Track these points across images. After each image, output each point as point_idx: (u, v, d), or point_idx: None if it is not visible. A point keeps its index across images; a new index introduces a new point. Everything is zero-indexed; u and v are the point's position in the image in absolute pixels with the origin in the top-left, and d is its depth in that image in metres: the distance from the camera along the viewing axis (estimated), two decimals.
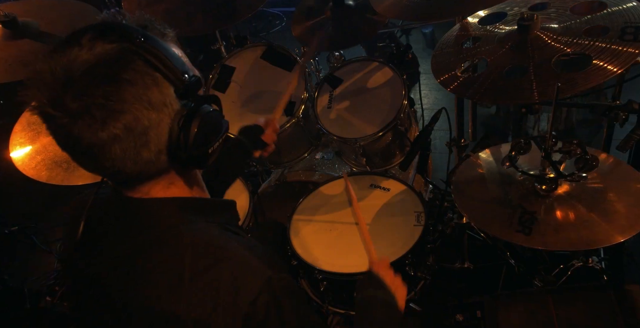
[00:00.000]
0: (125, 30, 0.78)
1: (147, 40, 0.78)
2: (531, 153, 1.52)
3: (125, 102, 0.75)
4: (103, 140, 0.75)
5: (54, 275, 2.71)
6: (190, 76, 0.82)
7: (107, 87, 0.73)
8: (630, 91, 2.90)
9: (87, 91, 0.73)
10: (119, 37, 0.76)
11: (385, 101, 2.04)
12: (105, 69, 0.73)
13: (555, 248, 1.37)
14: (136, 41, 0.77)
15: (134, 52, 0.76)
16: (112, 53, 0.74)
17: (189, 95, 0.83)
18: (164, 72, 0.78)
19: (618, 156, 1.56)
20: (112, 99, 0.74)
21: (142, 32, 0.80)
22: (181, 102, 0.82)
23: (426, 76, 3.56)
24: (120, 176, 0.84)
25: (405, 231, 1.74)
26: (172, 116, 0.81)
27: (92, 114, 0.73)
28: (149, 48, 0.77)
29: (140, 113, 0.76)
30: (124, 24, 0.81)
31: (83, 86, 0.72)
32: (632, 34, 1.33)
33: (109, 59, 0.74)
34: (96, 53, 0.74)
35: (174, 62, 0.80)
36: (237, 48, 2.28)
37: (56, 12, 1.97)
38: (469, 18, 1.75)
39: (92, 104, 0.73)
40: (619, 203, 1.38)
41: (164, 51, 0.79)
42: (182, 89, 0.81)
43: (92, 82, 0.73)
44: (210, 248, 0.85)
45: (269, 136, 1.63)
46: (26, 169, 1.84)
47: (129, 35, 0.77)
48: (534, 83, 1.37)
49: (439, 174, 2.65)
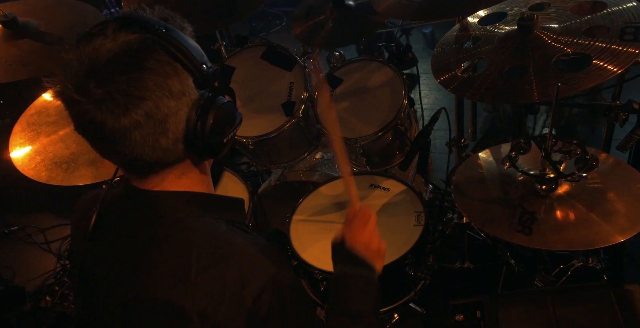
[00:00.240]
0: (147, 22, 0.81)
1: (168, 31, 0.81)
2: (531, 153, 1.52)
3: (147, 90, 0.77)
4: (125, 126, 0.78)
5: (54, 275, 2.71)
6: (208, 67, 0.85)
7: (130, 74, 0.76)
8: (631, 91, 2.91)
9: (111, 77, 0.75)
10: (141, 28, 0.79)
11: (385, 101, 2.04)
12: (128, 57, 0.76)
13: (555, 248, 1.37)
14: (158, 31, 0.80)
15: (155, 42, 0.79)
16: (135, 43, 0.77)
17: (206, 85, 0.85)
18: (184, 62, 0.81)
19: (618, 156, 1.56)
20: (134, 86, 0.76)
21: (164, 24, 0.83)
22: (199, 92, 0.85)
23: (426, 76, 3.56)
24: (136, 164, 0.85)
25: (405, 231, 1.74)
26: (190, 105, 0.83)
27: (116, 100, 0.76)
28: (170, 39, 0.80)
29: (160, 101, 0.79)
30: (146, 16, 0.84)
31: (107, 73, 0.75)
32: (632, 34, 1.33)
33: (132, 48, 0.77)
34: (120, 43, 0.77)
35: (194, 53, 0.83)
36: (237, 48, 2.28)
37: (56, 12, 1.97)
38: (469, 18, 1.75)
39: (115, 90, 0.75)
40: (619, 203, 1.38)
41: (184, 42, 0.82)
42: (200, 79, 0.84)
43: (116, 69, 0.75)
44: (217, 243, 0.86)
45: None
46: (26, 170, 1.84)
47: (151, 27, 0.80)
48: (534, 83, 1.37)
49: (439, 174, 2.65)
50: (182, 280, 0.82)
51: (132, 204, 0.92)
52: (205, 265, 0.83)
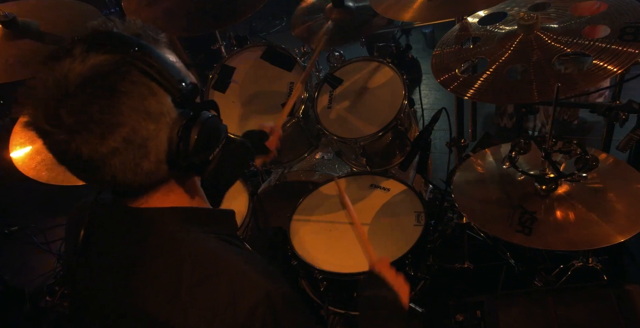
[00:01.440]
0: (118, 40, 0.77)
1: (141, 49, 0.77)
2: (531, 153, 1.52)
3: (122, 115, 0.74)
4: (102, 154, 0.75)
5: (54, 275, 2.71)
6: (187, 84, 0.81)
7: (104, 100, 0.72)
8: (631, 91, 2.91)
9: (83, 105, 0.71)
10: (112, 47, 0.75)
11: (385, 101, 2.04)
12: (100, 81, 0.72)
13: (555, 248, 1.37)
14: (130, 51, 0.75)
15: (128, 63, 0.74)
16: (106, 65, 0.73)
17: (186, 103, 0.82)
18: (160, 82, 0.77)
19: (618, 156, 1.56)
20: (109, 112, 0.73)
21: (136, 41, 0.78)
22: (179, 110, 0.81)
23: (426, 76, 3.56)
24: (120, 188, 0.84)
25: (405, 231, 1.74)
26: (171, 125, 0.80)
27: (90, 129, 0.72)
28: (143, 58, 0.76)
29: (138, 124, 0.75)
30: (117, 33, 0.79)
31: (79, 101, 0.71)
32: (632, 34, 1.33)
33: (103, 71, 0.73)
34: (90, 65, 0.72)
35: (170, 70, 0.79)
36: (237, 48, 2.28)
37: (56, 12, 1.97)
38: (469, 18, 1.75)
39: (88, 118, 0.72)
40: (619, 203, 1.38)
41: (159, 60, 0.78)
42: (179, 97, 0.80)
43: (88, 96, 0.72)
44: (207, 260, 0.84)
45: (273, 143, 1.63)
46: (26, 169, 1.84)
47: (122, 46, 0.76)
48: (534, 83, 1.37)
49: (439, 174, 2.65)
50: (173, 297, 0.81)
51: (121, 220, 0.90)
52: (196, 281, 0.81)
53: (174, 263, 0.83)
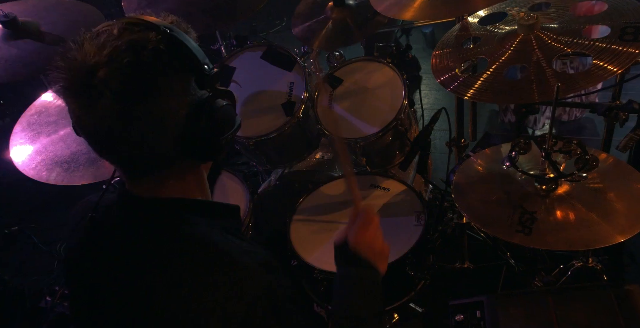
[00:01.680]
0: (152, 22, 0.82)
1: (173, 31, 0.82)
2: (531, 153, 1.52)
3: (148, 87, 0.78)
4: (124, 122, 0.78)
5: (54, 275, 2.71)
6: (210, 68, 0.86)
7: (133, 71, 0.77)
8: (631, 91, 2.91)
9: (113, 73, 0.76)
10: (146, 27, 0.81)
11: (385, 101, 2.04)
12: (131, 54, 0.76)
13: (555, 248, 1.37)
14: (162, 31, 0.81)
15: (159, 41, 0.79)
16: (139, 41, 0.78)
17: (208, 85, 0.86)
18: (186, 62, 0.82)
19: (618, 156, 1.56)
20: (136, 82, 0.77)
21: (168, 25, 0.84)
22: (200, 92, 0.85)
23: (426, 76, 3.56)
24: (133, 164, 0.86)
25: (405, 231, 1.74)
26: (191, 105, 0.83)
27: (117, 96, 0.76)
28: (173, 38, 0.81)
29: (161, 99, 0.79)
30: (152, 18, 0.85)
31: (110, 69, 0.76)
32: (632, 34, 1.33)
33: (135, 46, 0.77)
34: (125, 40, 0.77)
35: (197, 53, 0.83)
36: (237, 48, 2.28)
37: (56, 12, 1.97)
38: (469, 18, 1.75)
39: (117, 86, 0.76)
40: (619, 203, 1.38)
41: (187, 42, 0.83)
42: (202, 79, 0.85)
43: (119, 66, 0.76)
44: (211, 252, 0.85)
45: None
46: (26, 170, 1.83)
47: (156, 27, 0.81)
48: (534, 83, 1.37)
49: (439, 174, 2.65)
50: (176, 288, 0.81)
51: (127, 211, 0.91)
52: (199, 273, 0.82)
53: (177, 256, 0.84)
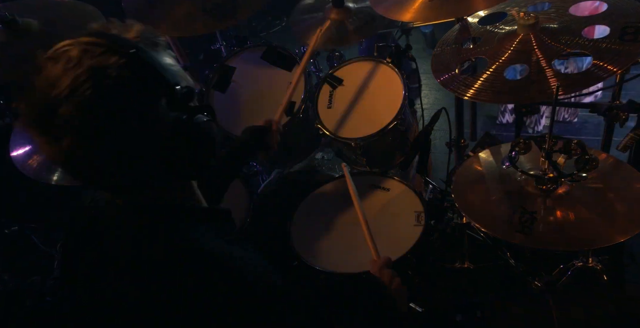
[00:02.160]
0: (115, 42, 0.77)
1: (138, 52, 0.77)
2: (531, 153, 1.52)
3: (113, 119, 0.74)
4: (95, 156, 0.76)
5: (54, 275, 2.71)
6: (182, 87, 0.81)
7: (95, 104, 0.73)
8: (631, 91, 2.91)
9: (75, 109, 0.72)
10: (108, 49, 0.75)
11: (385, 101, 2.04)
12: (93, 85, 0.72)
13: (555, 248, 1.37)
14: (126, 53, 0.76)
15: (122, 67, 0.75)
16: (101, 67, 0.73)
17: (180, 106, 0.82)
18: (154, 85, 0.78)
19: (618, 156, 1.56)
20: (100, 116, 0.73)
21: (132, 43, 0.79)
22: (173, 114, 0.81)
23: (426, 76, 3.56)
24: (113, 190, 0.85)
25: (405, 231, 1.74)
26: (165, 128, 0.80)
27: (81, 134, 0.73)
28: (138, 60, 0.77)
29: (130, 129, 0.76)
30: (114, 36, 0.79)
31: (71, 104, 0.72)
32: (632, 34, 1.33)
33: (97, 74, 0.73)
34: (85, 67, 0.73)
35: (165, 73, 0.79)
36: (237, 48, 2.28)
37: (56, 12, 1.97)
38: (469, 18, 1.75)
39: (80, 124, 0.73)
40: (619, 203, 1.38)
41: (154, 63, 0.78)
42: (173, 100, 0.80)
43: (81, 99, 0.72)
44: (202, 258, 0.85)
45: (273, 137, 1.63)
46: (26, 169, 1.84)
47: (119, 48, 0.76)
48: (534, 83, 1.37)
49: (439, 174, 2.65)
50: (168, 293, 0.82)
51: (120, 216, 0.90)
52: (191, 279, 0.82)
53: (170, 260, 0.84)
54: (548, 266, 1.93)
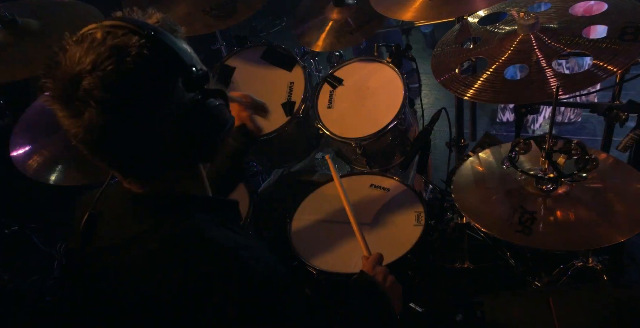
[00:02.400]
0: (136, 24, 0.80)
1: (157, 33, 0.81)
2: (531, 153, 1.52)
3: (134, 95, 0.77)
4: (112, 132, 0.78)
5: (54, 275, 2.71)
6: (197, 69, 0.84)
7: (116, 79, 0.76)
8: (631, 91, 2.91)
9: (97, 83, 0.75)
10: (129, 31, 0.79)
11: (385, 101, 2.04)
12: (114, 61, 0.75)
13: (555, 248, 1.37)
14: (146, 34, 0.79)
15: (142, 46, 0.78)
16: (123, 46, 0.77)
17: (196, 87, 0.85)
18: (172, 65, 0.81)
19: (618, 156, 1.56)
20: (121, 91, 0.76)
21: (153, 26, 0.82)
22: (188, 95, 0.84)
23: (426, 76, 3.56)
24: (127, 168, 0.86)
25: (405, 231, 1.74)
26: (180, 109, 0.83)
27: (102, 106, 0.76)
28: (158, 41, 0.80)
29: (148, 106, 0.79)
30: (136, 20, 0.83)
31: (93, 78, 0.75)
32: (632, 34, 1.33)
33: (119, 52, 0.76)
34: (108, 46, 0.76)
35: (183, 55, 0.82)
36: (237, 48, 2.28)
37: (56, 12, 1.97)
38: (469, 18, 1.75)
39: (102, 97, 0.75)
40: (619, 203, 1.38)
41: (172, 45, 0.81)
42: (189, 81, 0.83)
43: (104, 74, 0.75)
44: (206, 245, 0.86)
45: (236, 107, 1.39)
46: (26, 169, 1.83)
47: (140, 30, 0.79)
48: (534, 83, 1.37)
49: (439, 174, 2.65)
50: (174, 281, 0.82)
51: (127, 206, 0.92)
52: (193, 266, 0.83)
53: (176, 247, 0.85)
54: (548, 266, 1.93)
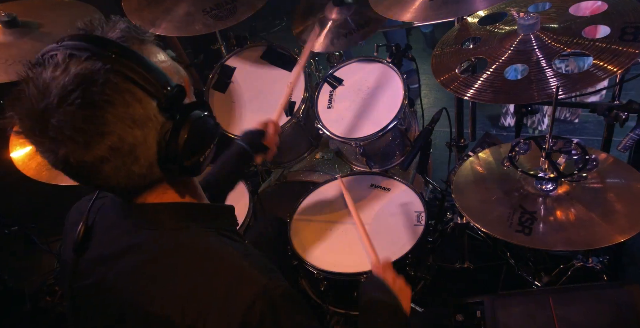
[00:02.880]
0: (99, 45, 0.76)
1: (123, 53, 0.76)
2: (531, 153, 1.52)
3: (106, 124, 0.74)
4: (90, 162, 0.76)
5: (54, 275, 2.71)
6: (171, 87, 0.80)
7: (87, 111, 0.72)
8: (631, 91, 2.91)
9: (66, 116, 0.72)
10: (92, 53, 0.74)
11: (385, 101, 2.04)
12: (82, 92, 0.71)
13: (555, 248, 1.37)
14: (112, 57, 0.75)
15: (109, 70, 0.74)
16: (88, 73, 0.72)
17: (172, 107, 0.81)
18: (143, 87, 0.77)
19: (618, 156, 1.56)
20: (92, 122, 0.73)
21: (118, 45, 0.77)
22: (165, 114, 0.81)
23: (426, 76, 3.56)
24: (115, 190, 0.86)
25: (405, 231, 1.74)
26: (159, 129, 0.80)
27: (75, 139, 0.73)
28: (125, 63, 0.75)
29: (124, 132, 0.76)
30: (99, 38, 0.78)
31: (61, 112, 0.72)
32: (632, 34, 1.33)
33: (84, 81, 0.72)
34: (72, 75, 0.72)
35: (153, 74, 0.78)
36: (237, 48, 2.28)
37: (56, 12, 1.97)
38: (469, 18, 1.75)
39: (73, 129, 0.72)
40: (619, 203, 1.38)
41: (141, 65, 0.77)
42: (164, 102, 0.79)
43: (71, 107, 0.71)
44: (205, 256, 0.85)
45: (271, 139, 1.58)
46: (26, 169, 1.84)
47: (104, 51, 0.75)
48: (534, 83, 1.37)
49: (439, 174, 2.65)
50: (171, 294, 0.81)
51: (120, 216, 0.91)
52: (194, 279, 0.82)
53: (172, 260, 0.84)
54: (548, 266, 1.93)
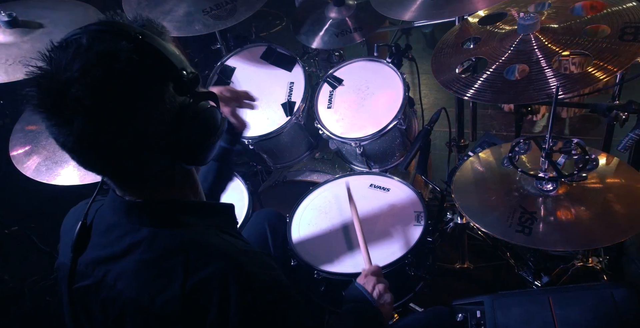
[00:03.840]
0: (123, 29, 0.78)
1: (145, 38, 0.79)
2: (531, 153, 1.52)
3: (123, 102, 0.75)
4: (103, 139, 0.76)
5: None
6: (188, 73, 0.83)
7: (106, 86, 0.74)
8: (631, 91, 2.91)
9: (86, 90, 0.73)
10: (117, 36, 0.77)
11: (385, 101, 2.04)
12: (103, 67, 0.74)
13: (555, 248, 1.37)
14: (134, 39, 0.77)
15: (131, 50, 0.76)
16: (110, 52, 0.75)
17: (187, 91, 0.84)
18: (161, 70, 0.79)
19: (618, 156, 1.56)
20: (110, 98, 0.74)
21: (140, 30, 0.80)
22: (179, 99, 0.83)
23: (426, 76, 3.56)
24: (120, 176, 0.85)
25: (405, 231, 1.74)
26: (171, 113, 0.82)
27: (92, 114, 0.74)
28: (146, 45, 0.78)
29: (139, 112, 0.77)
30: (122, 23, 0.81)
31: (82, 86, 0.73)
32: (632, 34, 1.33)
33: (107, 57, 0.74)
34: (95, 53, 0.74)
35: (172, 58, 0.80)
36: (237, 48, 2.28)
37: (57, 12, 1.97)
38: (469, 18, 1.75)
39: (91, 104, 0.73)
40: (619, 203, 1.38)
41: (161, 48, 0.80)
42: (180, 85, 0.82)
43: (92, 82, 0.73)
44: (205, 253, 0.85)
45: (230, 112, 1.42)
46: (26, 170, 1.83)
47: (127, 34, 0.77)
48: (534, 83, 1.37)
49: (439, 174, 2.65)
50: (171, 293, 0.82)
51: (120, 216, 0.91)
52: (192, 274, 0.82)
53: (174, 257, 0.84)
54: (548, 266, 1.93)
